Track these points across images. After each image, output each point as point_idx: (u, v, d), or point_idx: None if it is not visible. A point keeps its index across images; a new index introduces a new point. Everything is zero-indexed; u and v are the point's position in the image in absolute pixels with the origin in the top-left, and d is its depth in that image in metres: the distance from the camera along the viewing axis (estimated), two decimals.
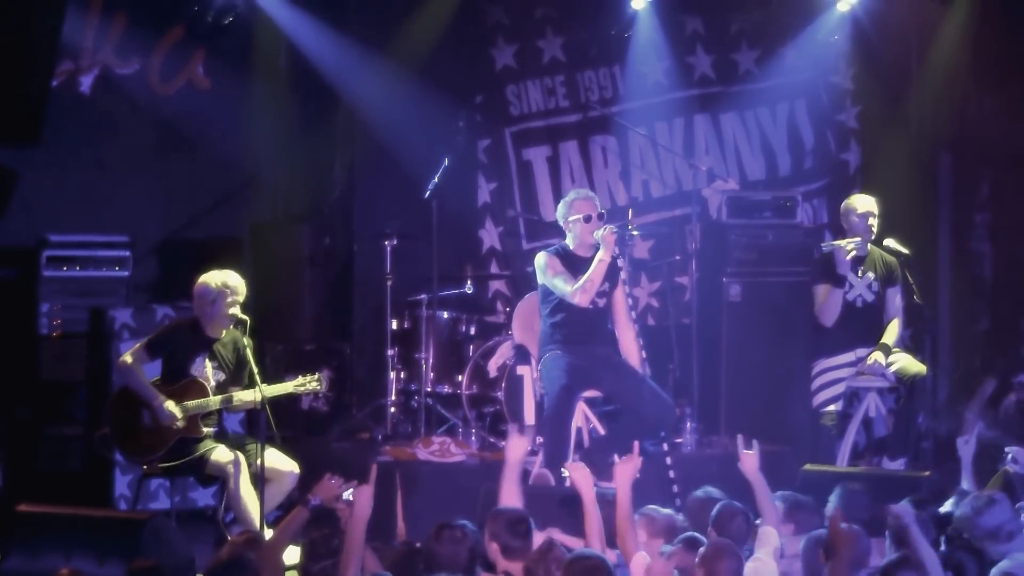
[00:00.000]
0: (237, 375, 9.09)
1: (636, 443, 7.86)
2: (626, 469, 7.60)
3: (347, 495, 7.46)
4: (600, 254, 9.24)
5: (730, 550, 6.73)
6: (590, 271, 9.24)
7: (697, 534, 7.29)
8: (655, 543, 7.45)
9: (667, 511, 7.92)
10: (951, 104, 12.87)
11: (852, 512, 7.69)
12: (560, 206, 9.58)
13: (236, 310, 8.97)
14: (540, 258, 9.47)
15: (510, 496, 7.79)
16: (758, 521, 7.65)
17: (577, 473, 7.59)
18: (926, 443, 10.39)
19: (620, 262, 9.48)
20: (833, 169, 13.05)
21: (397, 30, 11.76)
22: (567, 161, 12.43)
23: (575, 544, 7.37)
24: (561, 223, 9.55)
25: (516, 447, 8.01)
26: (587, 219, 9.38)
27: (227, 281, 9.04)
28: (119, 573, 7.04)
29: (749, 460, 7.92)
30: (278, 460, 8.92)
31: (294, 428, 10.68)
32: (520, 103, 12.34)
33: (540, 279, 9.48)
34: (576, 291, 9.25)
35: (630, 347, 9.52)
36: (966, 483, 8.34)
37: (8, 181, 11.08)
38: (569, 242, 9.50)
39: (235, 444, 9.06)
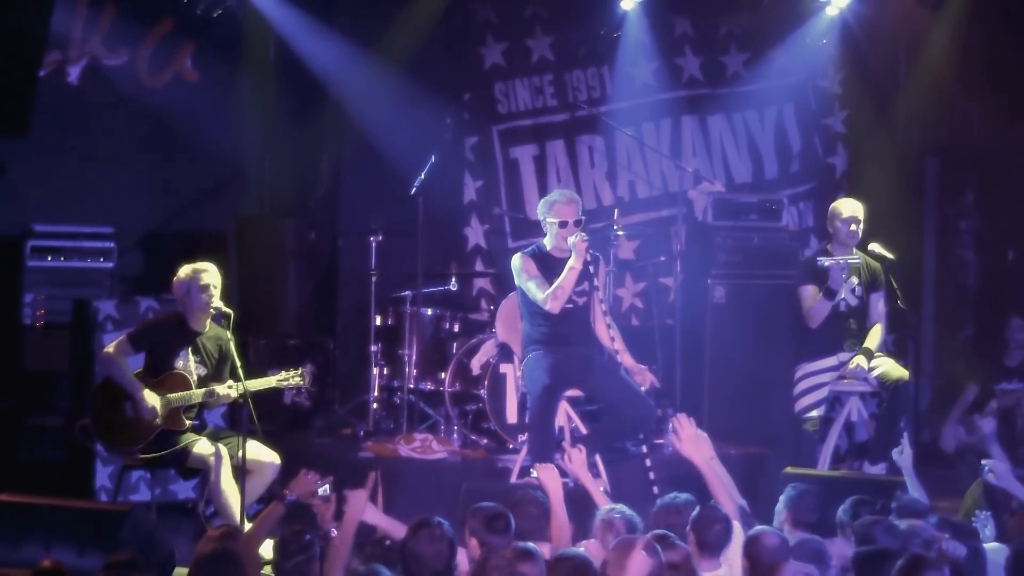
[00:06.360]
0: (220, 369, 9.07)
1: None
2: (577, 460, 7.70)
3: (322, 491, 7.47)
4: (571, 262, 9.20)
5: (643, 544, 6.47)
6: (561, 279, 9.22)
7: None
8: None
9: (624, 511, 7.59)
10: (938, 110, 12.89)
11: (800, 512, 7.66)
12: (541, 204, 9.54)
13: (216, 301, 8.92)
14: (516, 260, 9.44)
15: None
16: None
17: (544, 473, 7.58)
18: None
19: (592, 268, 9.40)
20: (819, 173, 13.07)
21: (386, 27, 11.77)
22: (554, 160, 12.43)
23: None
24: (540, 220, 9.52)
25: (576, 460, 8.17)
26: (563, 224, 9.33)
27: (197, 267, 9.00)
28: (99, 564, 7.02)
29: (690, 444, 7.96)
30: (259, 451, 8.91)
31: (276, 423, 10.68)
32: (508, 101, 12.33)
33: (516, 281, 9.47)
34: (547, 298, 9.24)
35: (603, 339, 9.50)
36: (913, 491, 8.26)
37: None
38: (546, 242, 9.47)
39: (216, 437, 9.05)
